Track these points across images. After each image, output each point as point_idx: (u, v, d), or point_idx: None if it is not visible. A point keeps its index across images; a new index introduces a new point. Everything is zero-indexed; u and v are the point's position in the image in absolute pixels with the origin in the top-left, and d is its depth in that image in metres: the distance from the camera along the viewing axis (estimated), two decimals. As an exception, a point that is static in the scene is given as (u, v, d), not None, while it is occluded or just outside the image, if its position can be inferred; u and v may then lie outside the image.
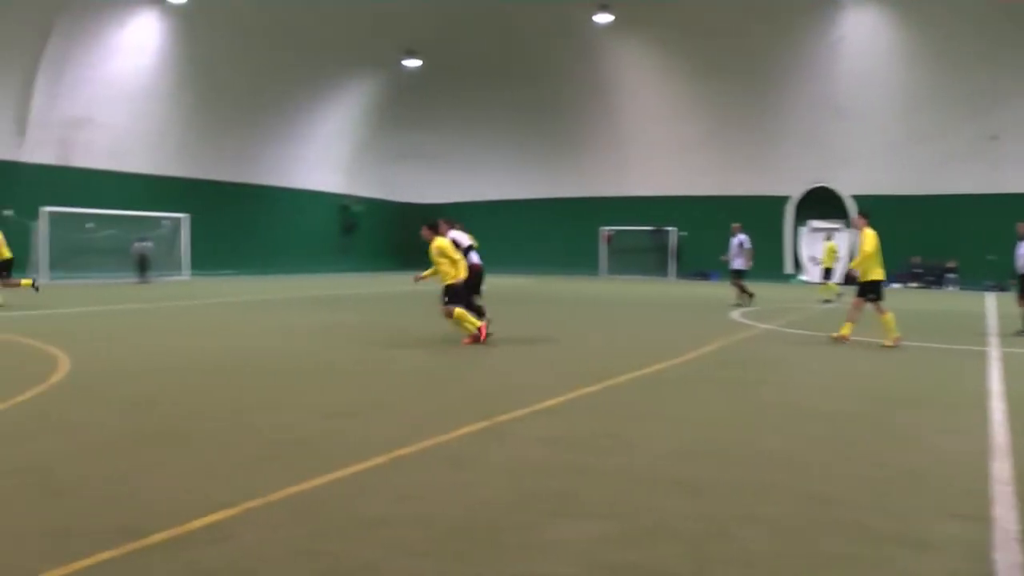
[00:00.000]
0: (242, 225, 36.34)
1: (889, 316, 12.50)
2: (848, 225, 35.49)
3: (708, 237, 34.55)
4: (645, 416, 7.24)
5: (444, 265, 11.77)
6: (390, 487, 4.95)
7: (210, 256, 34.05)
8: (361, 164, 42.96)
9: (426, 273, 12.62)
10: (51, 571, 3.58)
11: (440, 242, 11.90)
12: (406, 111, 42.97)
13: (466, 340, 11.71)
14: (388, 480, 5.10)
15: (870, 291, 12.64)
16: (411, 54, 39.49)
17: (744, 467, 5.57)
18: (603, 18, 36.33)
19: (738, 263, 20.83)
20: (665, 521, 4.42)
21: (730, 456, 5.86)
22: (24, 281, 18.04)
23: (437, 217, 12.73)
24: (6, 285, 17.59)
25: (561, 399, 7.81)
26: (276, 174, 38.24)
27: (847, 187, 35.78)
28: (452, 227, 12.74)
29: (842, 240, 32.21)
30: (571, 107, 40.74)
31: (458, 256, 11.97)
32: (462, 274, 11.92)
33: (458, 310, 11.76)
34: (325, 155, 40.56)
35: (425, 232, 12.22)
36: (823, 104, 35.69)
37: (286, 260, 37.25)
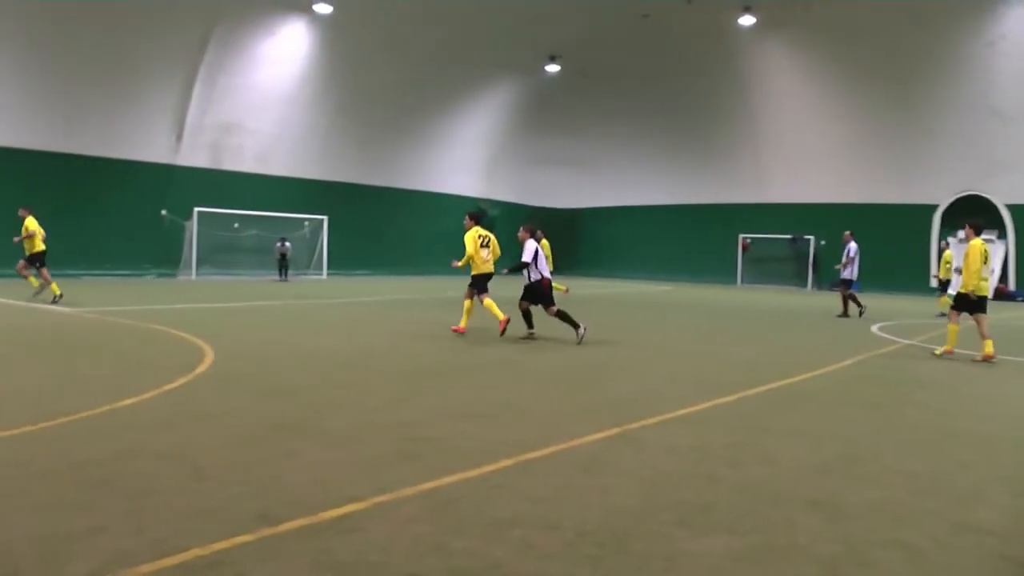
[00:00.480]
0: (378, 227, 37.36)
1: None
2: (1000, 236, 33.60)
3: (841, 248, 33.21)
4: (781, 430, 7.03)
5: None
6: (520, 489, 4.98)
7: (346, 256, 35.17)
8: (498, 168, 43.49)
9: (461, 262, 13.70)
10: (197, 549, 3.79)
11: (468, 232, 13.35)
12: (546, 115, 43.25)
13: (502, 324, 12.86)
14: (518, 482, 5.13)
15: (976, 307, 12.34)
16: (553, 59, 39.68)
17: (885, 489, 5.32)
18: (747, 20, 35.51)
19: (847, 272, 20.06)
20: (798, 541, 4.28)
21: (870, 476, 5.61)
22: (54, 287, 16.97)
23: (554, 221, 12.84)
24: (42, 277, 17.45)
25: (694, 408, 7.68)
26: (413, 177, 39.15)
27: (1004, 195, 33.74)
28: (534, 235, 13.43)
29: (996, 250, 30.46)
30: (713, 112, 40.02)
31: (473, 251, 13.27)
32: (484, 268, 13.35)
33: (487, 300, 13.23)
34: (462, 159, 41.27)
35: (521, 233, 13.36)
36: (978, 107, 33.70)
37: (420, 261, 38.06)
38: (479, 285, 13.35)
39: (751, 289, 36.60)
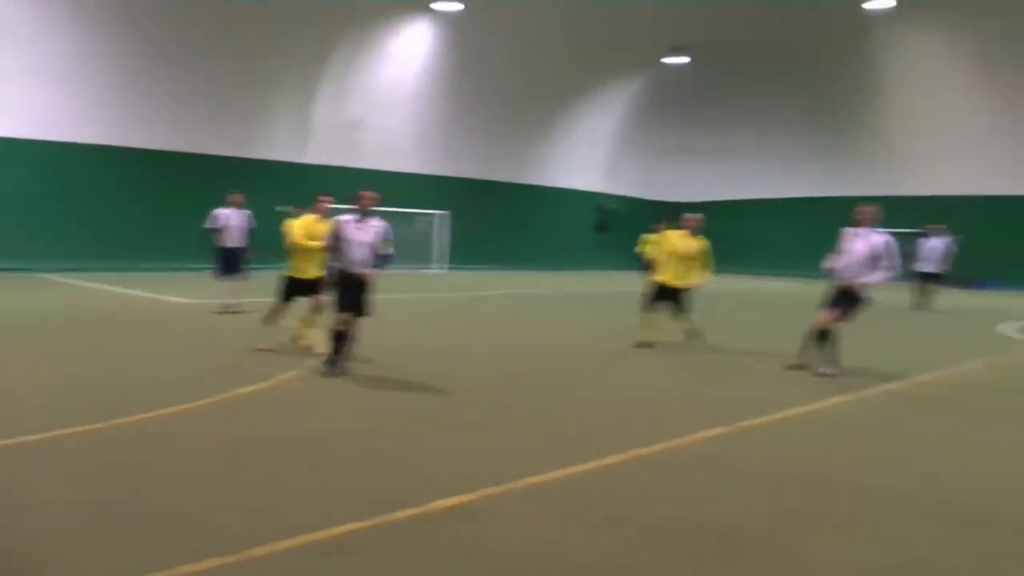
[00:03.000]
0: (499, 221, 37.73)
1: None
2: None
3: (987, 242, 31.59)
4: (906, 434, 6.82)
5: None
6: (633, 487, 5.01)
7: (468, 251, 35.67)
8: (619, 163, 43.24)
9: None
10: (330, 529, 3.99)
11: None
12: (670, 108, 42.69)
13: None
14: (630, 480, 5.16)
15: None
16: (677, 51, 39.15)
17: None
18: (879, 4, 34.07)
19: (929, 266, 20.17)
20: (923, 551, 4.17)
21: (1011, 489, 5.39)
22: None
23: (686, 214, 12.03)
24: None
25: (803, 409, 7.51)
26: (535, 173, 39.38)
27: None
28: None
29: None
30: (846, 101, 38.57)
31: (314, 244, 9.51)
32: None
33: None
34: (584, 154, 41.22)
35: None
36: None
37: (541, 256, 38.23)
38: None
39: (890, 285, 35.19)
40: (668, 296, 11.12)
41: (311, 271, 9.65)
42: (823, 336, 9.40)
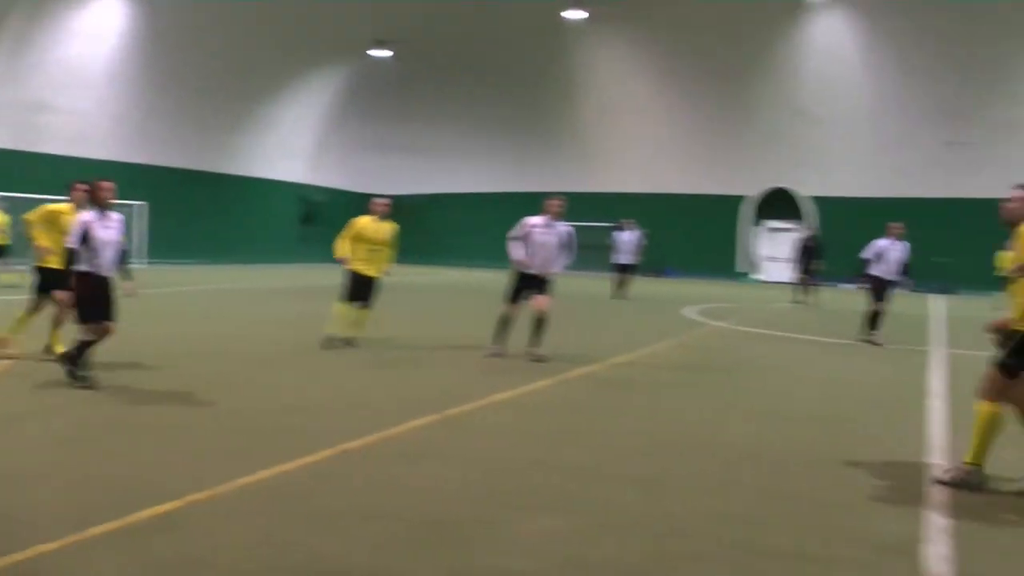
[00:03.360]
0: (201, 213, 35.87)
1: None
2: (805, 225, 36.03)
3: (666, 235, 34.78)
4: (601, 411, 7.35)
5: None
6: (346, 479, 4.98)
7: (168, 244, 33.63)
8: (324, 155, 42.60)
9: None
10: (11, 556, 3.58)
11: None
12: (374, 101, 42.70)
13: None
14: (343, 472, 5.12)
15: None
16: (381, 44, 39.26)
17: (706, 464, 5.68)
18: (576, 14, 36.45)
19: (624, 257, 22.13)
20: (623, 517, 4.50)
21: (693, 453, 5.97)
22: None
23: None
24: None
25: (513, 393, 7.86)
26: (238, 163, 37.82)
27: (807, 188, 36.23)
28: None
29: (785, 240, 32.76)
30: (543, 102, 40.70)
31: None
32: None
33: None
34: (289, 145, 40.16)
35: None
36: (787, 107, 36.12)
37: (245, 249, 36.84)
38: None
39: (576, 276, 37.57)
40: (364, 285, 10.59)
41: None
42: (541, 323, 9.95)
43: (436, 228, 45.41)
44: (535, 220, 10.15)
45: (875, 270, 13.40)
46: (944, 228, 33.30)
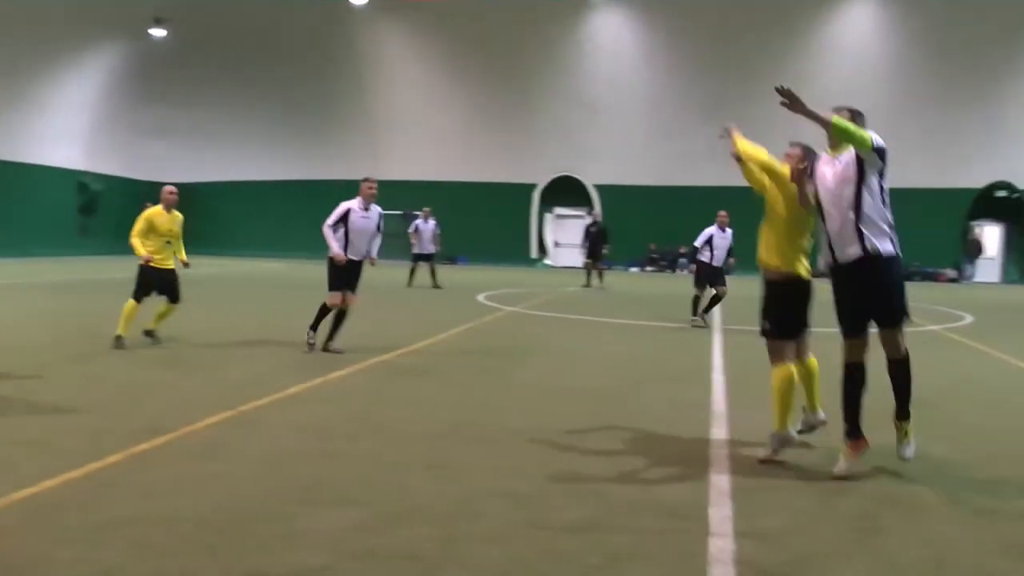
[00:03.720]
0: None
1: None
2: (590, 212, 37.52)
3: (458, 223, 35.14)
4: (396, 399, 7.28)
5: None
6: (133, 484, 4.65)
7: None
8: (103, 139, 39.77)
9: None
10: None
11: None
12: (155, 83, 40.31)
13: None
14: (128, 478, 4.78)
15: None
16: (160, 22, 37.13)
17: (493, 445, 5.74)
18: (360, 0, 36.09)
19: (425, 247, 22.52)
20: (413, 503, 4.47)
21: (479, 436, 6.01)
22: None
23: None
24: None
25: (309, 384, 7.67)
26: (1, 147, 34.57)
27: (592, 177, 37.70)
28: None
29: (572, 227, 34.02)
30: (330, 88, 39.93)
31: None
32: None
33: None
34: (61, 127, 37.11)
35: None
36: (572, 99, 37.44)
37: (13, 243, 33.70)
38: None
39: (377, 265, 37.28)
40: (163, 280, 9.99)
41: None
42: (342, 315, 9.83)
43: (225, 217, 43.66)
44: (351, 204, 9.90)
45: (703, 257, 14.05)
46: (712, 213, 35.65)
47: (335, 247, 9.89)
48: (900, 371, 5.26)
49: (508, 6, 35.84)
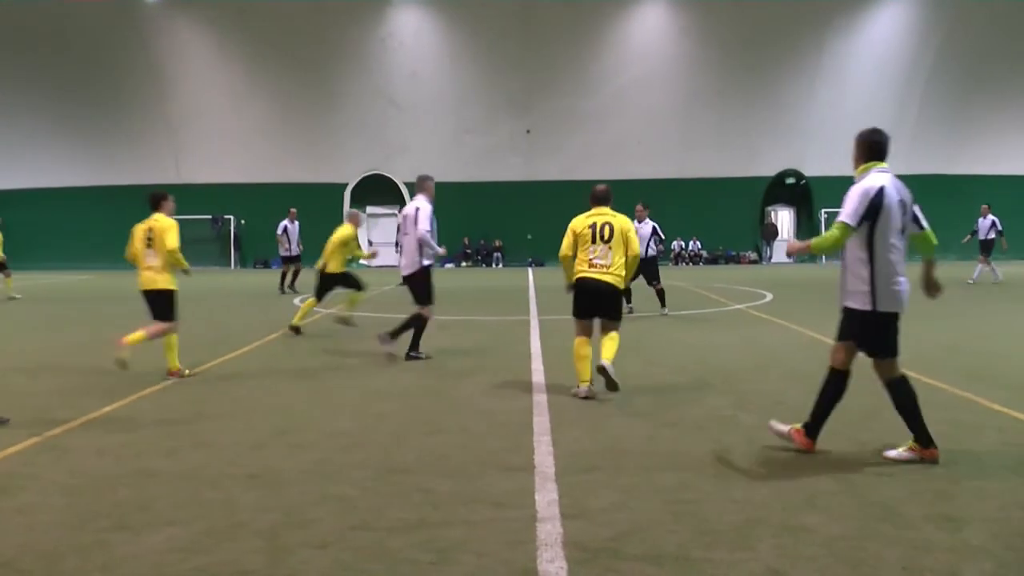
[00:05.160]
0: None
1: None
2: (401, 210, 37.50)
3: (268, 225, 34.19)
4: (214, 411, 7.02)
5: None
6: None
7: None
8: None
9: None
10: None
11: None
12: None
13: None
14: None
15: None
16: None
17: (316, 451, 5.66)
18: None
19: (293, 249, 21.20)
20: (238, 517, 4.36)
21: (302, 442, 5.92)
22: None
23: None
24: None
25: (122, 402, 7.28)
26: None
27: (402, 175, 37.59)
28: None
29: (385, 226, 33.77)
30: (127, 90, 37.80)
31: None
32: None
33: None
34: None
35: None
36: (378, 96, 37.22)
37: None
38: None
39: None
40: None
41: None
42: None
43: (13, 227, 40.44)
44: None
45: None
46: (526, 207, 36.61)
47: (440, 250, 9.78)
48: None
49: (308, 3, 35.23)
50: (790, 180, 38.17)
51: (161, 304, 8.70)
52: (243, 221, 38.63)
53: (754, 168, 37.48)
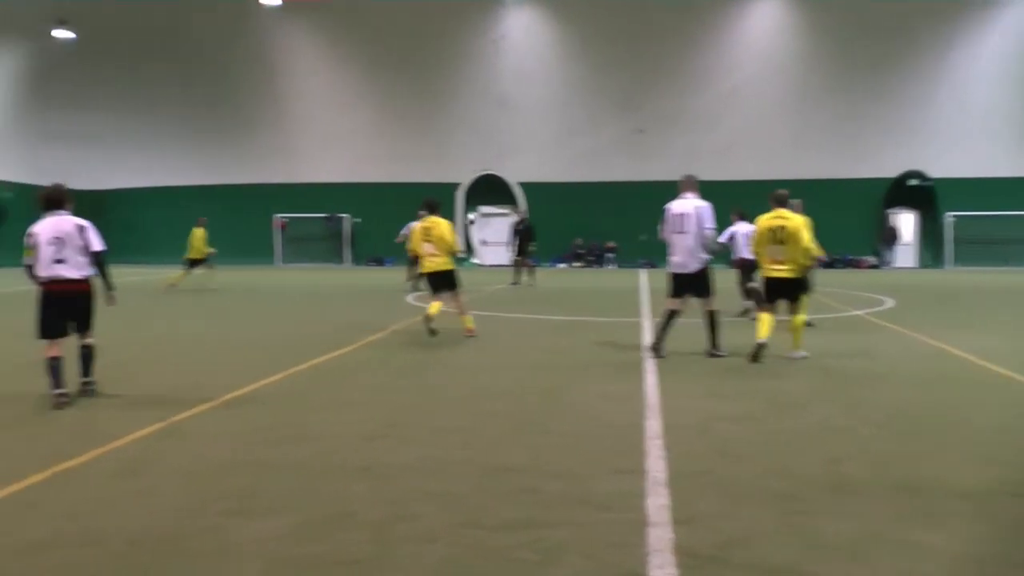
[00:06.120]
0: None
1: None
2: (515, 210, 37.61)
3: (381, 224, 34.88)
4: (325, 404, 7.16)
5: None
6: (57, 505, 4.48)
7: None
8: (6, 145, 38.40)
9: None
10: None
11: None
12: (62, 87, 39.09)
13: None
14: (54, 498, 4.62)
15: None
16: (62, 24, 35.97)
17: (425, 447, 5.69)
18: (270, 0, 35.58)
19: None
20: (347, 508, 4.41)
21: (411, 437, 5.96)
22: None
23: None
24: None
25: (238, 393, 7.51)
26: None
27: (514, 175, 37.80)
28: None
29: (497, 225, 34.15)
30: (242, 91, 39.26)
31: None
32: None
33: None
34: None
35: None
36: (489, 97, 37.49)
37: None
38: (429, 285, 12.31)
39: (290, 268, 36.77)
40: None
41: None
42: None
43: (140, 225, 42.56)
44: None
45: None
46: (635, 207, 36.25)
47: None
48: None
49: (419, 5, 35.79)
50: (913, 182, 36.63)
51: (447, 280, 11.76)
52: (358, 220, 39.47)
53: (872, 169, 36.10)
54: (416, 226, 12.25)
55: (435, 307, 11.50)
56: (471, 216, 39.25)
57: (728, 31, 36.14)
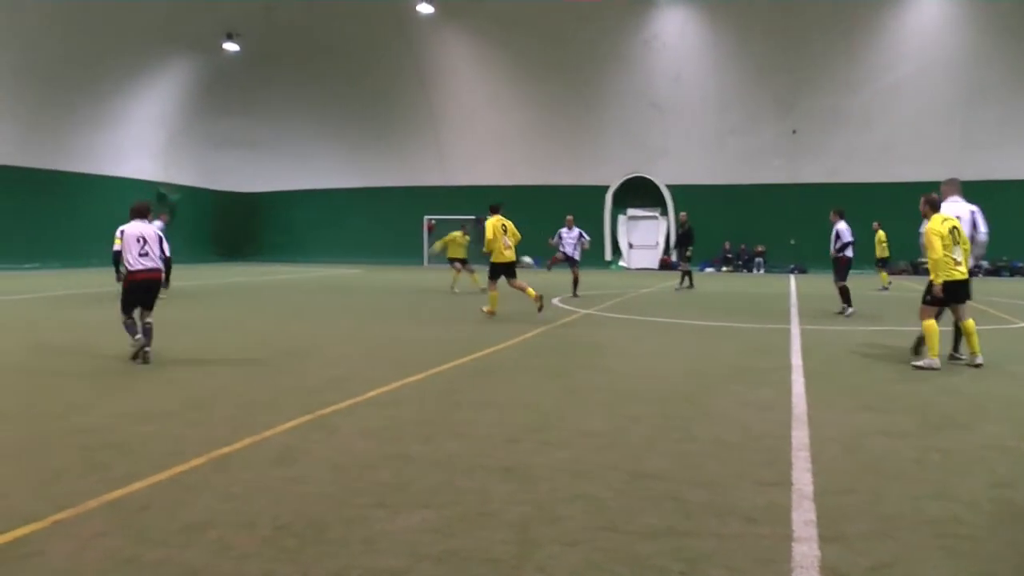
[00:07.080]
0: (46, 215, 33.86)
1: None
2: (663, 213, 37.20)
3: (528, 225, 35.10)
4: (469, 403, 7.28)
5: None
6: (215, 487, 4.75)
7: (8, 248, 31.63)
8: (178, 151, 41.02)
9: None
10: None
11: (490, 221, 15.22)
12: (227, 96, 41.46)
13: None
14: (210, 481, 4.89)
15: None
16: (231, 37, 38.12)
17: (568, 449, 5.69)
18: (425, 9, 36.52)
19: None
20: (490, 507, 4.46)
21: (554, 439, 5.97)
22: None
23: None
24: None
25: (385, 389, 7.74)
26: (85, 160, 35.84)
27: (663, 177, 37.38)
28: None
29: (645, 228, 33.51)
30: (396, 96, 40.50)
31: (491, 237, 14.98)
32: (503, 257, 14.89)
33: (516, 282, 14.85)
34: (139, 141, 38.41)
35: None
36: (639, 99, 37.15)
37: (96, 252, 34.83)
38: (496, 273, 14.71)
39: (437, 269, 37.54)
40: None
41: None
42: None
43: (295, 225, 44.58)
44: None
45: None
46: (788, 210, 35.13)
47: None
48: None
49: (571, 8, 35.78)
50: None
51: (514, 268, 14.65)
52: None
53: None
54: (498, 222, 15.39)
55: (531, 291, 14.29)
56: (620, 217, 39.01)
57: (888, 27, 34.50)
